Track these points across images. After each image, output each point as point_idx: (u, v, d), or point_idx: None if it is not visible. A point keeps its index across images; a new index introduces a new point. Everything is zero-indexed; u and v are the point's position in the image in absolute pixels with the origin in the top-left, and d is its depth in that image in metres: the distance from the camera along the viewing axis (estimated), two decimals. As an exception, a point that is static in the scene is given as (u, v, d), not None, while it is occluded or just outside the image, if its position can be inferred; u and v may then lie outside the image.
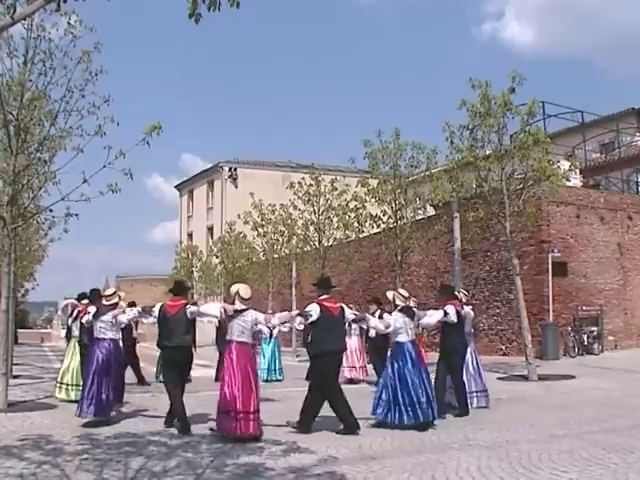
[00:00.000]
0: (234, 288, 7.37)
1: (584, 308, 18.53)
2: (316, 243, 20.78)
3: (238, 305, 7.14)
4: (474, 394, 8.79)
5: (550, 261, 17.54)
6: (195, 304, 8.33)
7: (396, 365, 7.44)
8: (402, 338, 7.56)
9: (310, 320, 7.22)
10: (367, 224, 17.09)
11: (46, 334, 57.35)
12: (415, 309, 8.19)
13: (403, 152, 15.91)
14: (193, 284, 35.32)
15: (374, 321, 7.98)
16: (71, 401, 9.44)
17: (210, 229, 43.53)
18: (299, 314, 7.44)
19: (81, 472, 5.30)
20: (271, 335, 13.83)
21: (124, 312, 8.31)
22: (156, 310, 7.63)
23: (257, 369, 7.55)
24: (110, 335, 8.15)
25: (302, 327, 7.85)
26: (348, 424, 7.08)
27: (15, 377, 13.39)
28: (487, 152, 13.36)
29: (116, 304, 8.50)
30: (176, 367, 7.58)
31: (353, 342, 13.01)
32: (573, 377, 12.64)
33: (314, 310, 7.18)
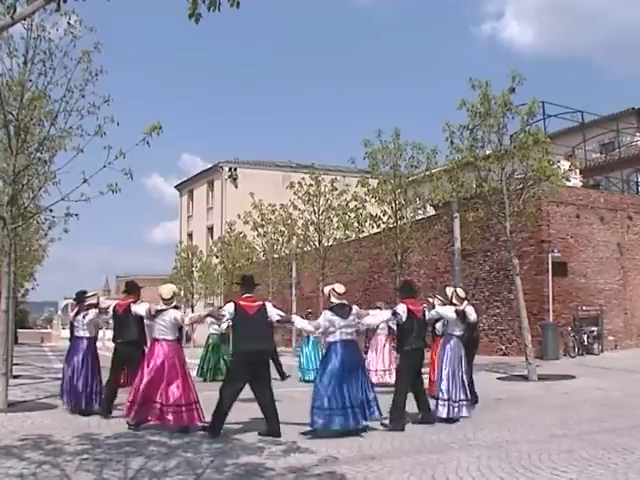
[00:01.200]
0: (159, 290, 7.72)
1: (584, 308, 18.53)
2: (316, 243, 20.78)
3: (160, 305, 7.58)
4: (456, 403, 7.85)
5: (550, 261, 17.54)
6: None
7: (326, 367, 7.06)
8: (331, 338, 7.16)
9: (224, 320, 7.40)
10: (367, 224, 17.10)
11: (46, 334, 57.43)
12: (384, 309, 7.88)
13: (403, 152, 15.92)
14: (193, 284, 35.39)
15: (299, 322, 7.62)
16: None
17: (210, 229, 43.54)
18: (208, 314, 7.70)
19: (81, 472, 5.30)
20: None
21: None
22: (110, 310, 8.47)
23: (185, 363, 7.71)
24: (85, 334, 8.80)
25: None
26: (271, 426, 6.98)
27: (15, 377, 13.39)
28: (487, 152, 13.37)
29: (94, 305, 8.88)
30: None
31: (379, 341, 12.45)
32: (573, 377, 12.64)
33: (228, 310, 7.15)
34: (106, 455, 5.95)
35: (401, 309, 7.56)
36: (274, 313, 7.26)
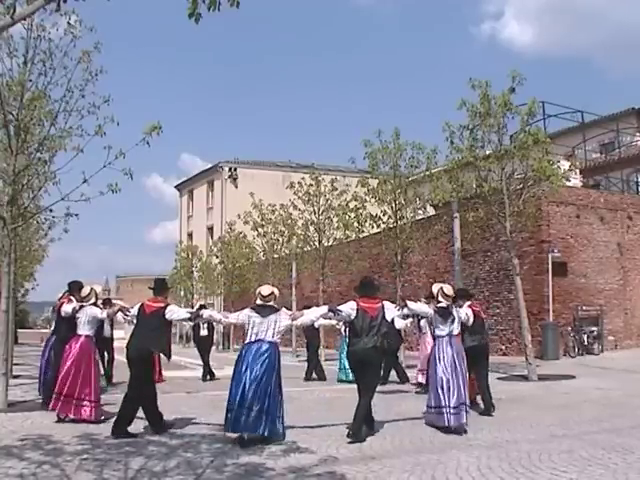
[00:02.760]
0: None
1: (584, 308, 18.54)
2: (316, 243, 20.79)
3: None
4: (443, 409, 7.22)
5: (550, 261, 17.55)
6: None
7: (235, 369, 6.77)
8: (246, 338, 6.92)
9: (129, 318, 7.62)
10: (367, 224, 17.11)
11: (46, 334, 57.34)
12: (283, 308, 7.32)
13: (403, 152, 15.92)
14: (193, 284, 35.41)
15: (208, 312, 7.42)
16: None
17: (210, 229, 43.55)
18: (120, 309, 7.95)
19: (81, 472, 5.29)
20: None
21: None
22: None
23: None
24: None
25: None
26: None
27: (15, 377, 13.39)
28: (487, 152, 13.37)
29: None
30: None
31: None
32: (573, 377, 12.64)
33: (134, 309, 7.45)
34: (106, 455, 5.95)
35: (349, 306, 7.14)
36: (182, 312, 7.50)
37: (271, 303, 7.01)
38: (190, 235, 46.17)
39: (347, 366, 13.30)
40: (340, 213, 18.73)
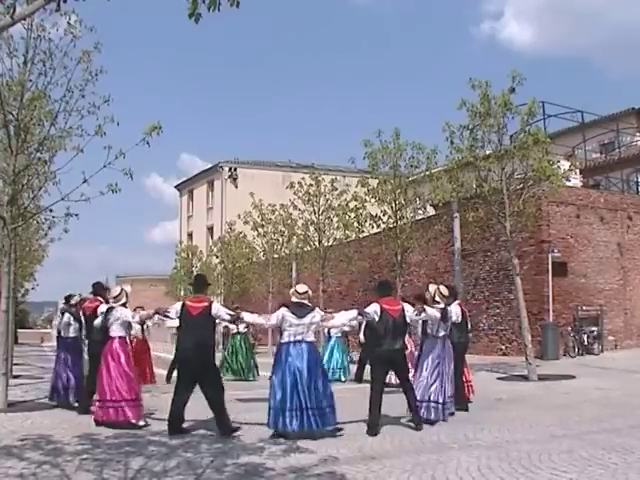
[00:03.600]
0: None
1: (584, 308, 18.53)
2: (316, 243, 20.78)
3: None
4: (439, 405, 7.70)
5: (550, 261, 17.54)
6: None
7: (277, 367, 6.98)
8: (284, 338, 7.04)
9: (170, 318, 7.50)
10: (367, 224, 17.09)
11: (46, 334, 57.35)
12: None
13: (403, 152, 15.90)
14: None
15: (248, 316, 7.55)
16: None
17: (210, 229, 43.54)
18: (156, 312, 7.71)
19: (81, 472, 5.30)
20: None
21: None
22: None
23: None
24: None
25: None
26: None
27: (15, 377, 13.39)
28: (487, 152, 13.36)
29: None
30: None
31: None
32: (573, 377, 12.64)
33: (174, 309, 7.39)
34: (106, 455, 5.95)
35: (373, 308, 7.29)
36: (223, 312, 7.34)
37: (306, 301, 7.21)
38: (190, 235, 46.15)
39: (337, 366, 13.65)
40: (340, 213, 18.71)
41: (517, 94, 12.58)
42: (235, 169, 42.13)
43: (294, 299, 7.18)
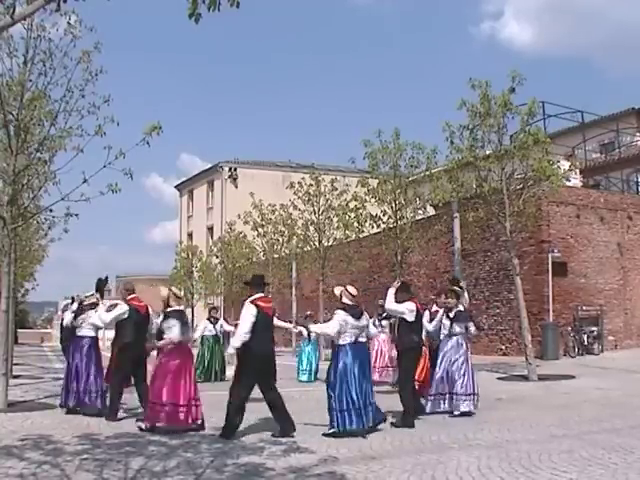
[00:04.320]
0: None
1: (584, 308, 18.54)
2: (316, 243, 20.78)
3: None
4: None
5: (550, 261, 17.54)
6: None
7: (337, 368, 7.06)
8: (344, 340, 7.10)
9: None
10: (367, 224, 17.10)
11: (46, 334, 57.39)
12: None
13: (403, 152, 15.90)
14: (193, 284, 35.40)
15: (319, 330, 8.24)
16: None
17: (210, 229, 43.55)
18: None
19: (81, 472, 5.29)
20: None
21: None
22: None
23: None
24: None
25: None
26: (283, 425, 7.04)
27: (15, 377, 13.39)
28: (487, 152, 13.36)
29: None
30: None
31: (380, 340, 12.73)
32: (573, 377, 12.64)
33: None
34: (106, 455, 5.95)
35: (410, 307, 7.82)
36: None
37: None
38: (190, 235, 46.16)
39: (304, 367, 13.84)
40: (340, 213, 18.72)
41: (517, 94, 12.60)
42: (235, 169, 42.14)
43: (347, 301, 7.27)
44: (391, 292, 7.90)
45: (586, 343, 17.88)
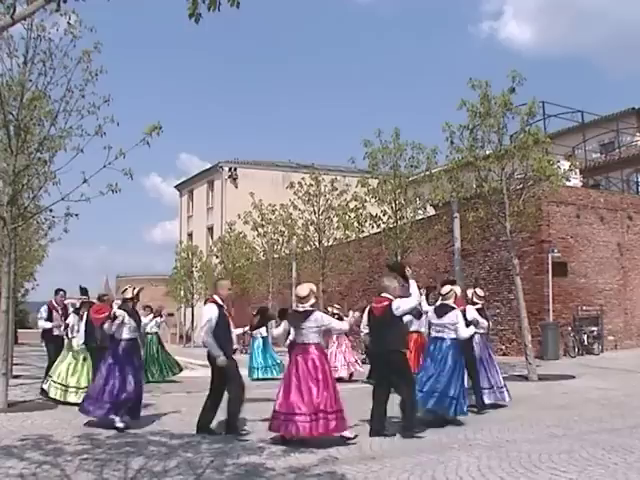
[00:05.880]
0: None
1: (584, 308, 18.54)
2: (316, 243, 20.78)
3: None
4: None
5: (550, 261, 17.54)
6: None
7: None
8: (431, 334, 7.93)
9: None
10: (367, 224, 17.09)
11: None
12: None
13: (403, 152, 15.89)
14: (193, 284, 35.44)
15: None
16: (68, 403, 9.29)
17: (210, 229, 43.55)
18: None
19: (81, 472, 5.29)
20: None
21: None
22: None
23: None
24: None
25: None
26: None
27: (15, 377, 13.39)
28: (487, 152, 13.36)
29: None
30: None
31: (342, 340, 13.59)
32: (573, 377, 12.64)
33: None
34: (106, 455, 5.95)
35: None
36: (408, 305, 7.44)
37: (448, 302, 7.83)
38: (190, 235, 46.17)
39: (258, 365, 14.31)
40: (340, 213, 18.71)
41: (517, 94, 12.58)
42: (235, 169, 42.14)
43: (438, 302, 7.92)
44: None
45: (586, 343, 17.88)
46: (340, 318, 7.35)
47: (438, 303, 7.98)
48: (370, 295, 23.01)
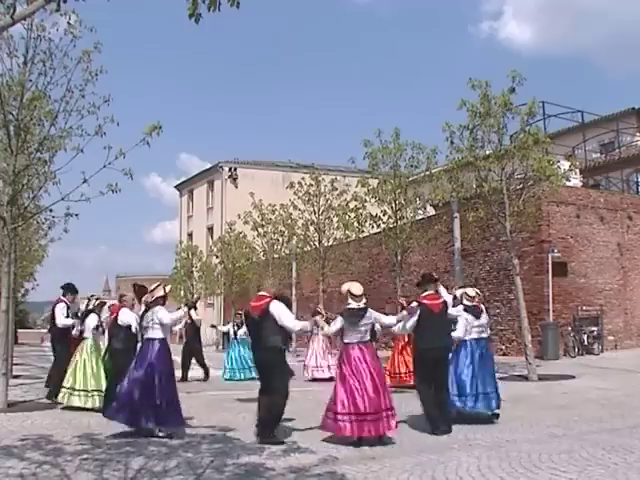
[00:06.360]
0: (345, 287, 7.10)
1: (584, 308, 18.53)
2: (316, 243, 20.78)
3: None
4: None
5: (550, 261, 17.54)
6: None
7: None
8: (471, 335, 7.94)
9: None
10: (367, 224, 17.10)
11: (46, 334, 57.36)
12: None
13: (403, 152, 15.91)
14: (193, 284, 35.40)
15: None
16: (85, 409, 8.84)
17: (210, 229, 43.53)
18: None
19: (81, 472, 5.29)
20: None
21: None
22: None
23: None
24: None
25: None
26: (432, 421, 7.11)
27: (15, 377, 13.39)
28: (487, 152, 13.36)
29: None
30: None
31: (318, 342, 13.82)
32: (573, 377, 12.64)
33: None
34: (106, 455, 5.95)
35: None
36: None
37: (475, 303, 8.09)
38: (190, 235, 46.13)
39: (234, 366, 14.37)
40: (340, 213, 18.72)
41: (517, 94, 12.59)
42: (235, 169, 42.12)
43: (468, 303, 8.00)
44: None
45: (586, 343, 17.88)
46: (327, 320, 7.21)
47: (469, 304, 8.04)
48: (370, 295, 23.04)
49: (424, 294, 7.47)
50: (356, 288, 6.93)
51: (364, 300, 6.88)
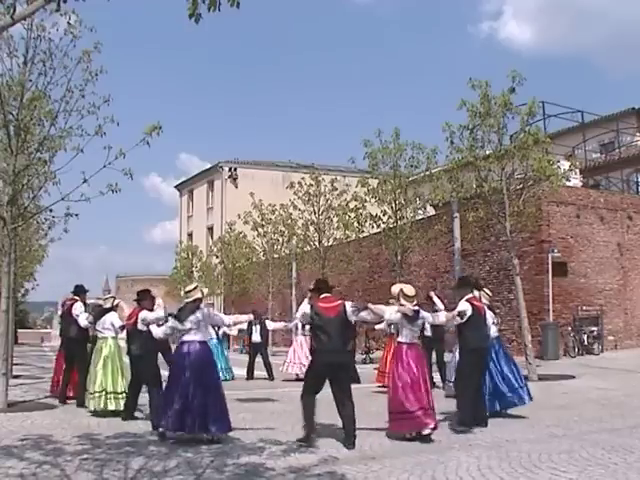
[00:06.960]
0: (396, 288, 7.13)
1: (584, 308, 18.53)
2: (316, 243, 20.79)
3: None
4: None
5: (550, 261, 17.54)
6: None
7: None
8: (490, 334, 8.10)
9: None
10: (367, 224, 17.11)
11: (46, 334, 57.35)
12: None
13: (403, 152, 15.91)
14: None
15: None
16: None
17: (210, 229, 43.54)
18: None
19: (81, 472, 5.29)
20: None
21: None
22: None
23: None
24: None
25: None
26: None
27: (15, 377, 13.39)
28: (487, 152, 13.36)
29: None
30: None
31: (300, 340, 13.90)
32: (573, 377, 12.64)
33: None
34: (106, 455, 5.95)
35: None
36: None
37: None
38: (190, 235, 46.15)
39: (225, 366, 14.00)
40: (340, 213, 18.73)
41: (517, 94, 12.58)
42: (235, 169, 42.14)
43: (485, 301, 8.08)
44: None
45: (586, 343, 17.88)
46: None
47: (486, 303, 8.09)
48: (370, 295, 23.02)
49: (467, 296, 7.48)
50: (409, 289, 7.06)
51: (416, 301, 7.03)
